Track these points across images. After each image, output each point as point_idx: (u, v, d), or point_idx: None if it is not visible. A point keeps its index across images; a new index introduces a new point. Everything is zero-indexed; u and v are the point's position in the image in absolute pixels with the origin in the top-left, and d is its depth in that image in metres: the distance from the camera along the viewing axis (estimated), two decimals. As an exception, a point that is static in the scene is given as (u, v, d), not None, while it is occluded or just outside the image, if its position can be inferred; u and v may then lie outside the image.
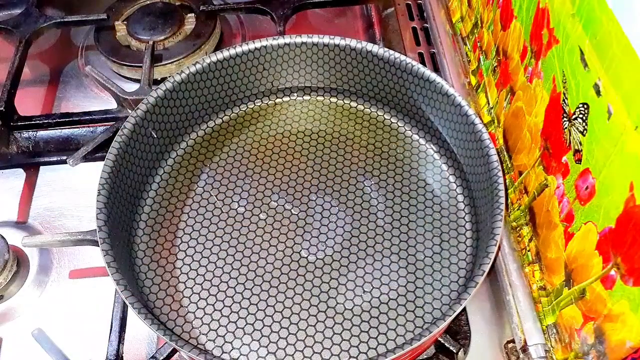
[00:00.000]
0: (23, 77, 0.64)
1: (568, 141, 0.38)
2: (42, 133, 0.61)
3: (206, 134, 0.53)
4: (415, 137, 0.52)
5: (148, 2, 0.71)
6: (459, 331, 0.46)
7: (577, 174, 0.37)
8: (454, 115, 0.47)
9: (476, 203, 0.46)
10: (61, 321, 0.51)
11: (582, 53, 0.35)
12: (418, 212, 0.47)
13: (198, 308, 0.43)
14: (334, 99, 0.55)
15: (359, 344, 0.41)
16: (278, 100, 0.55)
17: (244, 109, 0.54)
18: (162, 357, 0.44)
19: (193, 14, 0.69)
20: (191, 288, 0.44)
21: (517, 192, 0.48)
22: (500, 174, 0.42)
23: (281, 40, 0.51)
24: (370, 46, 0.50)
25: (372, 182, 0.49)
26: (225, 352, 0.41)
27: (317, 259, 0.45)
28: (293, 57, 0.52)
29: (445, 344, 0.44)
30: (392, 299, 0.43)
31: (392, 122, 0.53)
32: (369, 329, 0.42)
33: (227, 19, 0.73)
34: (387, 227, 0.46)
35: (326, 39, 0.50)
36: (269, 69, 0.53)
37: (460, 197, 0.48)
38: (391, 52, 0.49)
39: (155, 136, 0.46)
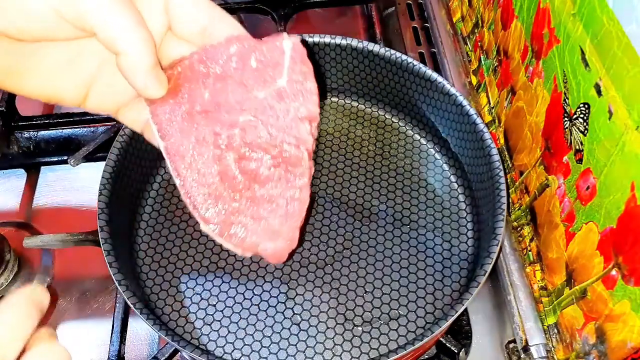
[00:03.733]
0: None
1: (569, 141, 0.38)
2: (43, 133, 0.61)
3: (207, 134, 0.52)
4: (417, 136, 0.52)
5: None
6: (460, 331, 0.46)
7: (578, 174, 0.37)
8: (455, 115, 0.47)
9: (477, 203, 0.46)
10: (62, 322, 0.51)
11: (582, 53, 0.35)
12: (419, 212, 0.47)
13: (200, 308, 0.43)
14: (334, 99, 0.54)
15: (360, 344, 0.41)
16: (279, 100, 0.55)
17: (244, 109, 0.54)
18: (163, 358, 0.44)
19: (194, 14, 0.69)
20: (192, 288, 0.44)
21: (518, 191, 0.48)
22: (501, 173, 0.42)
23: (282, 40, 0.51)
24: (371, 45, 0.50)
25: (373, 182, 0.49)
26: (227, 353, 0.41)
27: (318, 259, 0.45)
28: (294, 57, 0.52)
29: (447, 344, 0.44)
30: (393, 299, 0.43)
31: (393, 122, 0.53)
32: (371, 329, 0.42)
33: (228, 19, 0.73)
34: (388, 227, 0.46)
35: (327, 39, 0.50)
36: (270, 69, 0.53)
37: (462, 197, 0.48)
38: (392, 51, 0.49)
39: None
